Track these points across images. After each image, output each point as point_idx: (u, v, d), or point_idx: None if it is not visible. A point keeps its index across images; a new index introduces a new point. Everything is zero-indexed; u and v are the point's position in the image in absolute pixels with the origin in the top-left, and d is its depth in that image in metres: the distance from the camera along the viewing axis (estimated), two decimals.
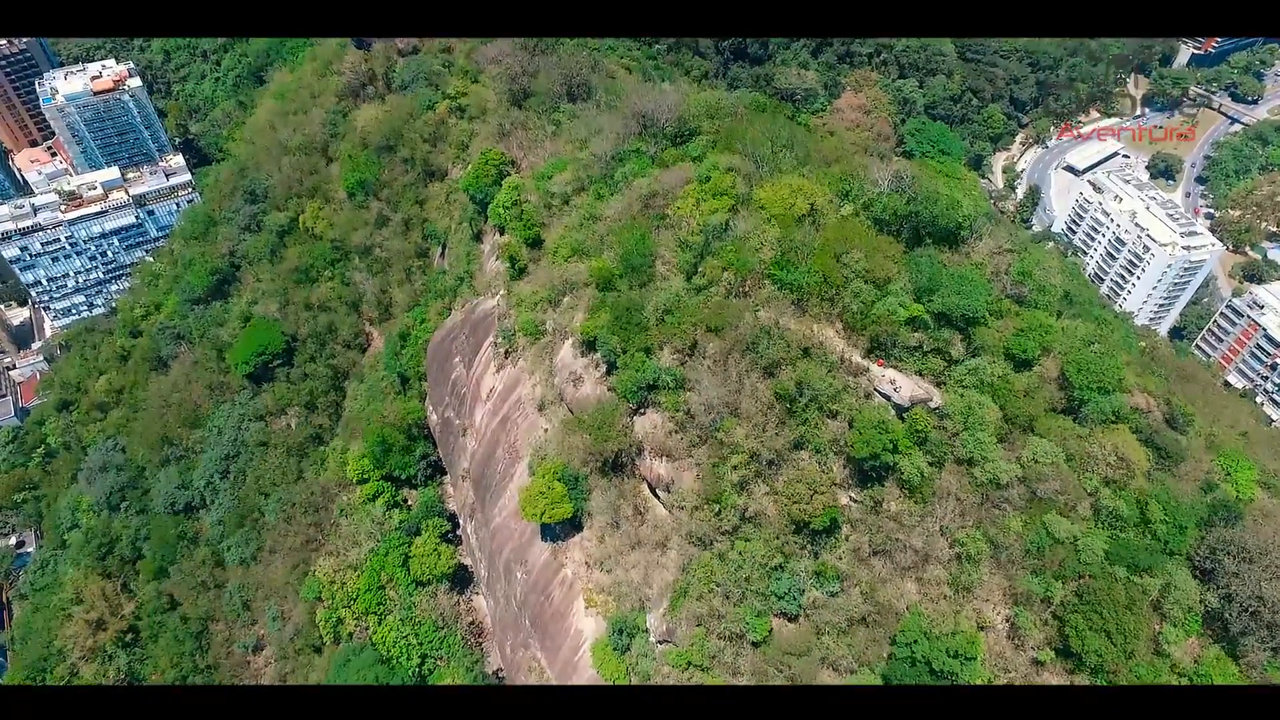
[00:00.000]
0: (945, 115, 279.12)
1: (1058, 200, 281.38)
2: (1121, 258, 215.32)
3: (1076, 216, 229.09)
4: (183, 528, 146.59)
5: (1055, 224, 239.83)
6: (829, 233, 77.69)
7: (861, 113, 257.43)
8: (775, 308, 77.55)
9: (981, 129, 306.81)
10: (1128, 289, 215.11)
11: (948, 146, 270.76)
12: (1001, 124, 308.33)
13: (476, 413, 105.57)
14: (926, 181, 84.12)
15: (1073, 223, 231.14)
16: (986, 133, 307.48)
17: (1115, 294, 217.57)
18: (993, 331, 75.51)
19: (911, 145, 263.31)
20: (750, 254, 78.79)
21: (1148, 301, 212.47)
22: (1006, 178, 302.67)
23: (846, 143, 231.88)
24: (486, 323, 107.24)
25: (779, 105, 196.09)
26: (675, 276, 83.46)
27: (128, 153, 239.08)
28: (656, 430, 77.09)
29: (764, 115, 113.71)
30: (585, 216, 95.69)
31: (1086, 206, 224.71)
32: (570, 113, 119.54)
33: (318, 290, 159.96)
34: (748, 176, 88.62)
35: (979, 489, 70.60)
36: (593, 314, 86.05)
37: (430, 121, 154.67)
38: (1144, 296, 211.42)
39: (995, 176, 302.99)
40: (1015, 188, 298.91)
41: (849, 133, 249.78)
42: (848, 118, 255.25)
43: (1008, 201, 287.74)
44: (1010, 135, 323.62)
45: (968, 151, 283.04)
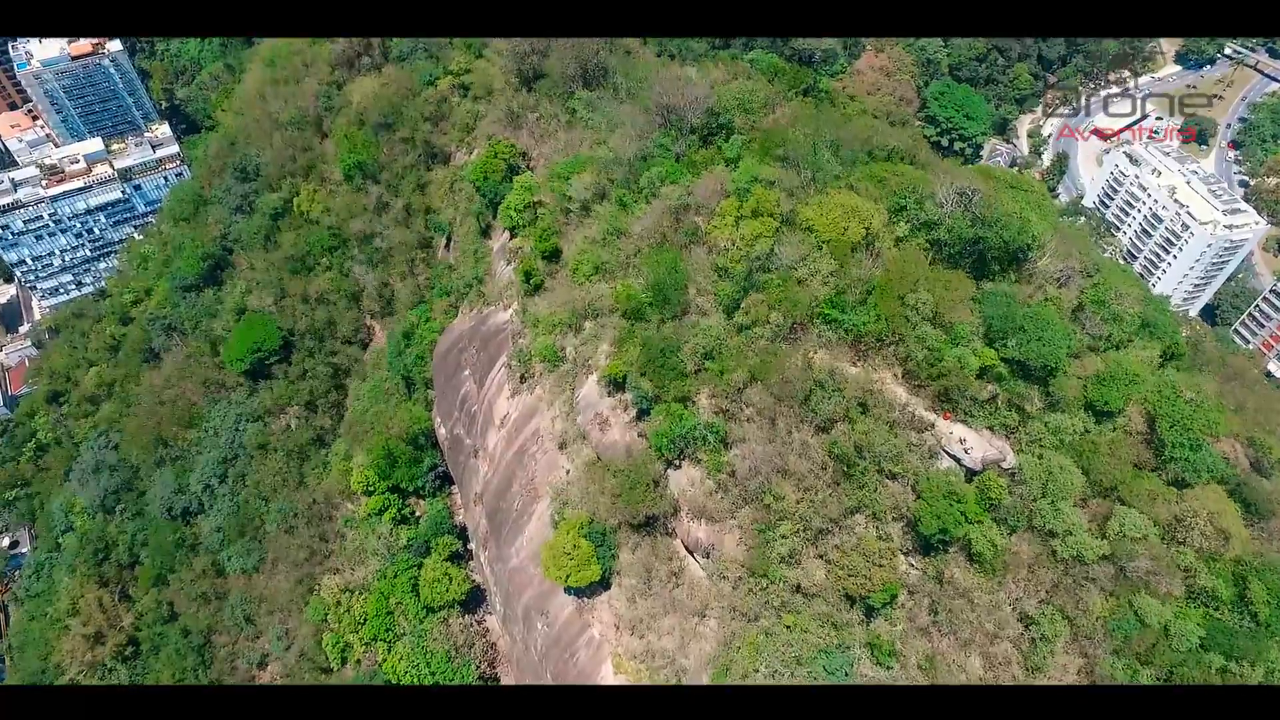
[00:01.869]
0: (970, 76, 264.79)
1: (1085, 167, 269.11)
2: (1157, 235, 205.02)
3: (1110, 189, 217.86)
4: (181, 534, 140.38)
5: (1086, 197, 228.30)
6: (891, 268, 68.75)
7: (883, 75, 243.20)
8: (829, 351, 69.18)
9: (1008, 90, 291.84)
10: (1162, 268, 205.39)
11: (973, 111, 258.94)
12: (1029, 84, 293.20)
13: (489, 437, 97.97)
14: (993, 197, 74.59)
15: (1106, 196, 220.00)
16: (1012, 94, 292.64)
17: (1149, 273, 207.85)
18: (1072, 380, 67.14)
19: (935, 109, 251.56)
20: (800, 290, 69.95)
21: (1183, 282, 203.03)
22: (1032, 143, 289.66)
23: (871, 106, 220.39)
24: (499, 339, 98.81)
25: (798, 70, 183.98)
26: (713, 310, 74.81)
27: (111, 121, 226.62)
28: (695, 488, 69.51)
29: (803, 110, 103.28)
30: (608, 230, 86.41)
31: (1122, 179, 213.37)
32: (587, 101, 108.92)
33: (315, 281, 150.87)
34: (791, 191, 79.18)
35: (1058, 564, 63.26)
36: (620, 347, 77.74)
37: (431, 99, 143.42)
38: (1180, 277, 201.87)
39: (1020, 141, 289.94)
40: (1041, 153, 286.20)
41: (870, 98, 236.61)
42: (868, 80, 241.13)
43: (1033, 169, 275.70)
44: (1036, 96, 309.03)
45: (993, 115, 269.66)
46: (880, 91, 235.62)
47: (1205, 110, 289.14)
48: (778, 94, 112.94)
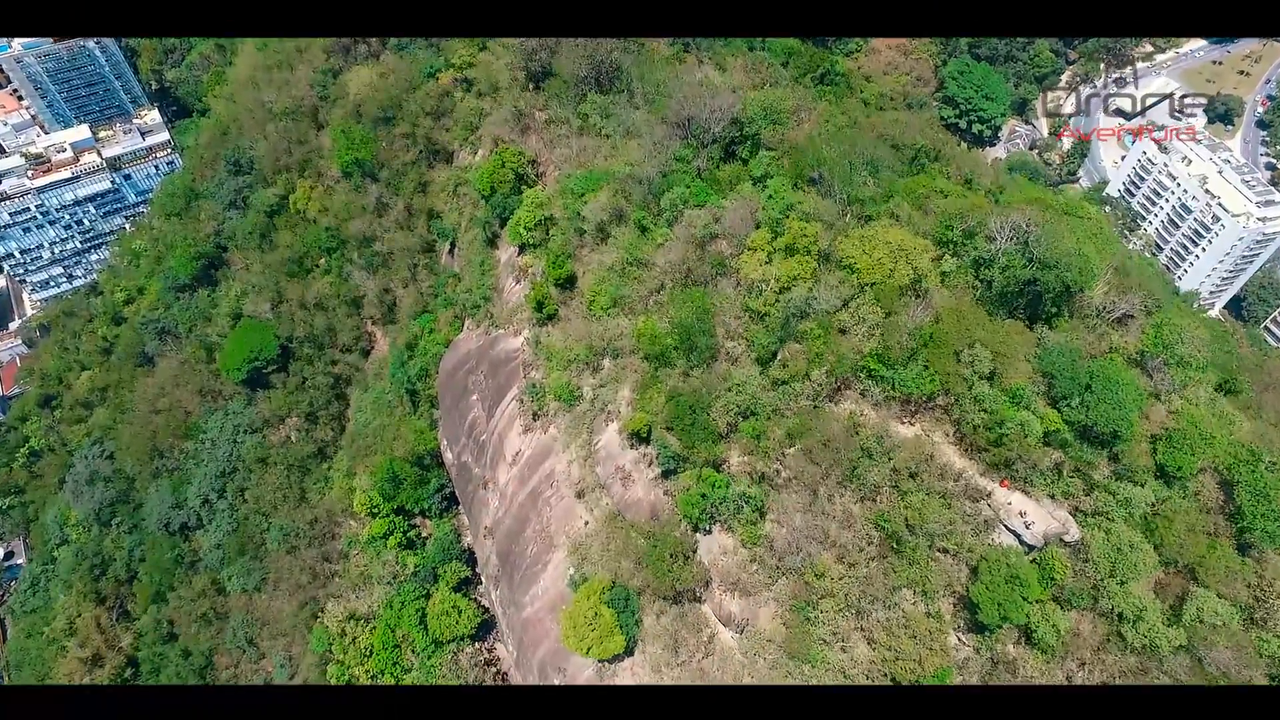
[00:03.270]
0: (990, 54, 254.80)
1: (1107, 150, 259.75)
2: (1185, 226, 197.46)
3: (1137, 178, 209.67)
4: (179, 550, 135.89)
5: (1111, 184, 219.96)
6: (943, 317, 62.44)
7: (900, 53, 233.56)
8: (875, 407, 63.30)
9: (1028, 68, 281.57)
10: (1189, 261, 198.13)
11: (992, 91, 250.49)
12: (1050, 62, 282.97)
13: (500, 471, 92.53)
14: (1051, 230, 67.91)
15: (1132, 184, 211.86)
16: (1033, 72, 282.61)
17: (1175, 265, 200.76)
18: (1140, 443, 61.28)
19: (953, 90, 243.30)
20: (842, 340, 63.84)
21: (1211, 275, 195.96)
22: (1052, 124, 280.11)
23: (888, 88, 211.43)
24: (509, 368, 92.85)
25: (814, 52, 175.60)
26: (745, 357, 68.72)
27: (98, 105, 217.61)
28: (727, 557, 64.11)
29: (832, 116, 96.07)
30: (627, 260, 79.91)
31: (1149, 167, 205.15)
32: (600, 107, 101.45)
33: (313, 285, 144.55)
34: (829, 223, 72.62)
35: (1128, 652, 58.04)
36: (643, 394, 71.85)
37: (432, 93, 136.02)
38: (1208, 270, 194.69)
39: (1039, 122, 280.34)
40: (1060, 135, 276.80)
41: (886, 77, 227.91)
42: (884, 59, 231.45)
43: (1053, 152, 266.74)
44: (1057, 74, 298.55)
45: (1012, 95, 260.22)
46: (897, 71, 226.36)
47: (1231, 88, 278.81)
48: (802, 98, 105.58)
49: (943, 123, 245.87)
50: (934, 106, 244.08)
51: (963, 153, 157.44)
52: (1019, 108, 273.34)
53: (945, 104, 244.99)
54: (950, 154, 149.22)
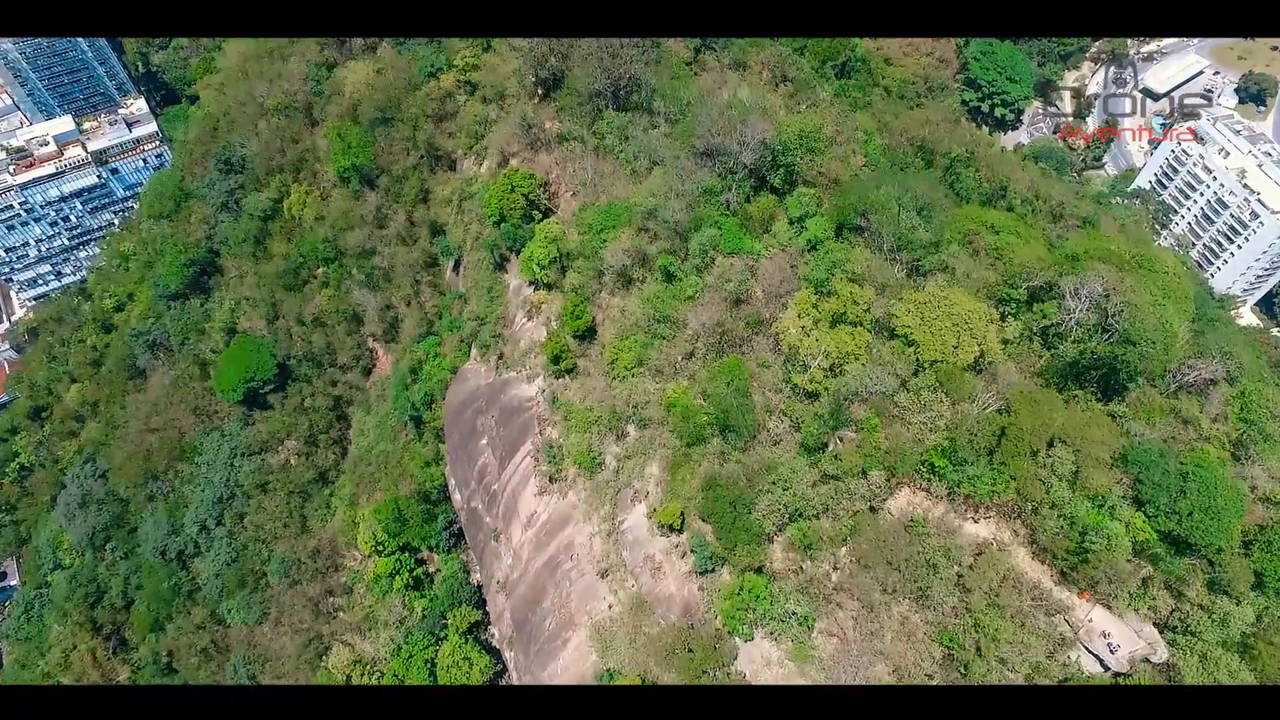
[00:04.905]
0: None
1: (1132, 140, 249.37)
2: (1220, 222, 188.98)
3: (1170, 169, 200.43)
4: (177, 578, 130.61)
5: (1142, 174, 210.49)
6: (1019, 411, 55.40)
7: None
8: (936, 501, 56.78)
9: (1052, 46, 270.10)
10: (1223, 259, 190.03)
11: (1015, 72, 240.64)
12: (1075, 40, 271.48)
13: (514, 529, 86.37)
14: (1132, 299, 60.56)
15: (1164, 175, 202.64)
16: (1058, 50, 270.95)
17: (1207, 262, 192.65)
18: (1238, 557, 54.74)
19: (976, 72, 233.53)
20: (901, 429, 57.03)
21: (1245, 274, 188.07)
22: (1076, 104, 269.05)
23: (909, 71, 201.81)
24: (523, 419, 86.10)
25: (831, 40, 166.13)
26: (788, 439, 61.92)
27: (82, 93, 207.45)
28: (770, 670, 58.07)
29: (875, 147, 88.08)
30: (654, 315, 72.54)
31: (1183, 159, 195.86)
32: (619, 128, 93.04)
33: (311, 300, 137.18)
34: (881, 286, 65.32)
35: None
36: (674, 474, 65.26)
37: (434, 94, 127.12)
38: (1243, 269, 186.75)
39: (1064, 103, 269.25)
40: (1086, 117, 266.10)
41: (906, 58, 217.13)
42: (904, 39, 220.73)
43: (1078, 135, 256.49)
44: (1082, 52, 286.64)
45: (1036, 75, 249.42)
46: (917, 51, 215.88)
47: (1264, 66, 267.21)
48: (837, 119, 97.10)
49: (964, 107, 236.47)
50: (956, 89, 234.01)
51: (994, 154, 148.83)
52: (1042, 88, 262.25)
53: (967, 86, 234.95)
54: (982, 156, 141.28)
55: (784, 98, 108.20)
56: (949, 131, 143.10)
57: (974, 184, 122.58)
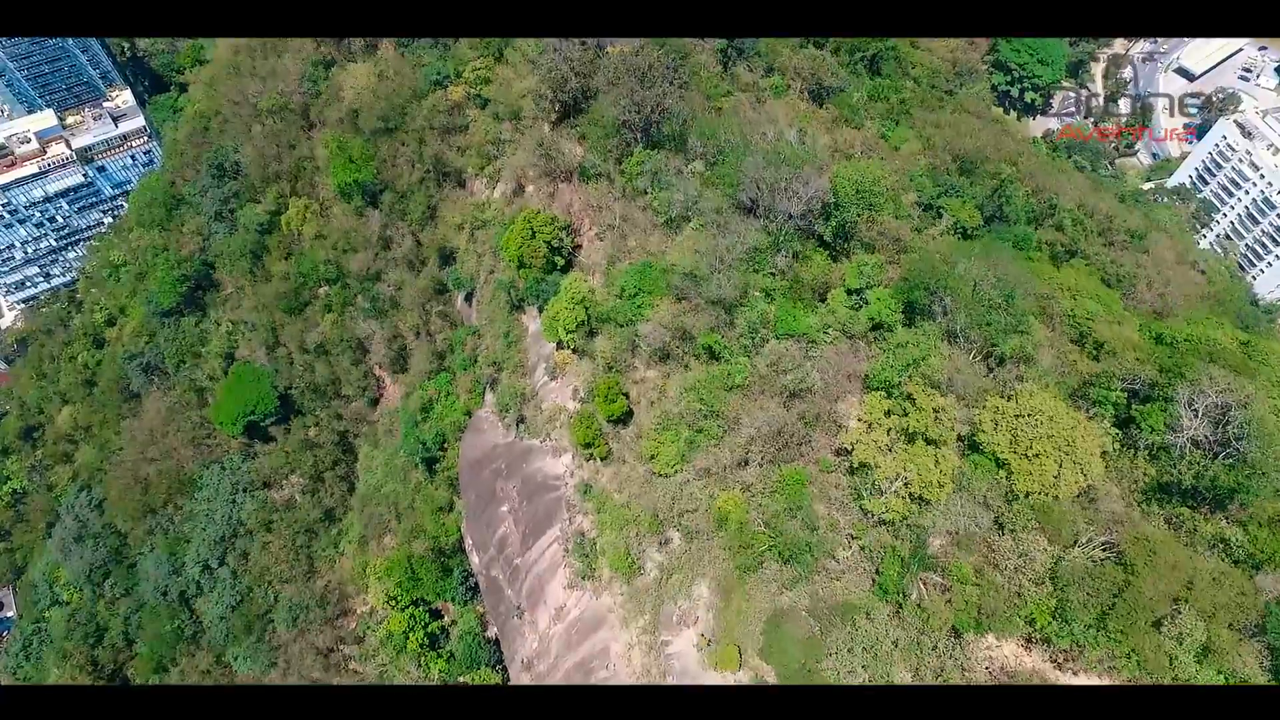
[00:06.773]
0: None
1: (1169, 121, 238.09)
2: (1266, 223, 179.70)
3: (1213, 165, 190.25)
4: (180, 620, 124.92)
5: (1183, 168, 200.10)
6: (1136, 568, 48.12)
7: None
8: (1029, 654, 49.96)
9: None
10: (1266, 260, 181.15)
11: (1047, 54, 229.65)
12: None
13: (540, 616, 79.82)
14: (1258, 418, 52.84)
15: (1207, 171, 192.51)
16: None
17: (1249, 264, 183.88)
18: None
19: (1006, 54, 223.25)
20: (997, 575, 49.91)
21: None
22: (1109, 87, 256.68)
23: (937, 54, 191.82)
24: (550, 500, 78.92)
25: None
26: (857, 568, 54.83)
27: (64, 84, 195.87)
28: None
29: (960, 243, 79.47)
30: (699, 409, 64.86)
31: (1228, 154, 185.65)
32: (651, 171, 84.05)
33: (314, 325, 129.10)
34: (963, 395, 57.60)
35: None
36: (726, 602, 58.38)
37: (440, 105, 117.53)
38: None
39: (1096, 85, 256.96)
40: (1118, 100, 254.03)
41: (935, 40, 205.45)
42: None
43: (1110, 121, 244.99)
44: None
45: (1069, 57, 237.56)
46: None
47: None
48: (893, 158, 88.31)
49: (994, 91, 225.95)
50: (984, 73, 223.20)
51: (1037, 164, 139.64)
52: (1073, 69, 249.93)
53: (996, 69, 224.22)
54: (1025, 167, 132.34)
55: (826, 125, 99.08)
56: (992, 141, 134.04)
57: (1024, 205, 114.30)
